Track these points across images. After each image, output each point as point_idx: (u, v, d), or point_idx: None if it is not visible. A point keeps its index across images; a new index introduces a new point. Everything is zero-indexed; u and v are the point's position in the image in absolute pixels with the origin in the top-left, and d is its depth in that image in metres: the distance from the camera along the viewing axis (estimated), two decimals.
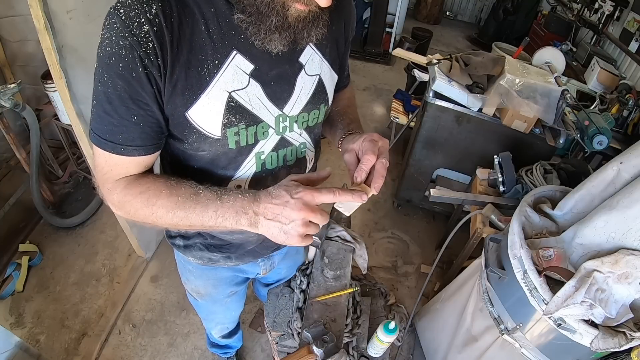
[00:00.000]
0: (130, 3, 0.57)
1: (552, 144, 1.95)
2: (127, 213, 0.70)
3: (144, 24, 0.57)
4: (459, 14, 6.76)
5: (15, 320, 1.83)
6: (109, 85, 0.60)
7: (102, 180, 0.70)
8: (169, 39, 0.59)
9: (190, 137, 0.68)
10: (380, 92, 4.14)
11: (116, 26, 0.57)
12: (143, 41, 0.57)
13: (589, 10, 3.60)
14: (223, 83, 0.65)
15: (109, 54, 0.58)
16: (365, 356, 1.11)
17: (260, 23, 0.60)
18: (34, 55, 2.12)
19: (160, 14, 0.58)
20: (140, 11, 0.57)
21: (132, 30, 0.57)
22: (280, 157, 0.79)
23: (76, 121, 1.49)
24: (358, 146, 0.73)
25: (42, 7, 1.21)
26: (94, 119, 0.64)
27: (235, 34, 0.64)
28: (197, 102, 0.64)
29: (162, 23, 0.58)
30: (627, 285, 0.95)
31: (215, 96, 0.65)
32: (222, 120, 0.67)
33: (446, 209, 2.46)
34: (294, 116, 0.76)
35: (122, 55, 0.58)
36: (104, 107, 0.62)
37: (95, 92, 0.62)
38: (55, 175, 2.44)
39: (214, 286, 1.10)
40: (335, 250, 1.12)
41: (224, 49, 0.64)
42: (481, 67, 1.99)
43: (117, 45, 0.57)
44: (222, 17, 0.62)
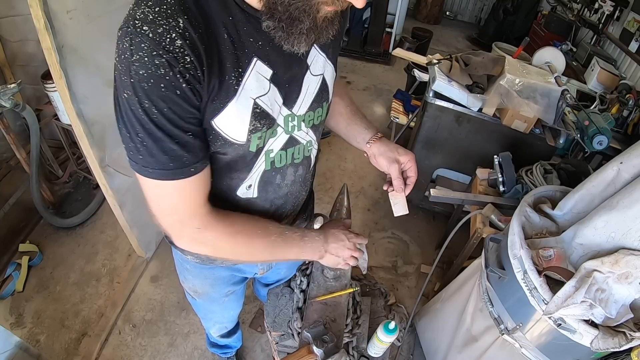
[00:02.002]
0: (153, 19, 0.54)
1: (552, 144, 1.95)
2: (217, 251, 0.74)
3: (175, 39, 0.55)
4: (459, 14, 6.76)
5: (15, 320, 1.83)
6: (154, 111, 0.56)
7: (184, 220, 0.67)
8: (203, 50, 0.58)
9: (214, 144, 0.68)
10: (380, 92, 4.14)
11: (144, 46, 0.53)
12: (179, 56, 0.55)
13: (589, 10, 3.60)
14: (248, 90, 0.65)
15: (144, 77, 0.54)
16: (365, 356, 1.11)
17: (292, 27, 0.60)
18: (34, 55, 2.12)
19: (189, 26, 0.56)
20: (169, 26, 0.54)
21: (166, 46, 0.54)
22: (288, 155, 0.81)
23: (76, 121, 1.49)
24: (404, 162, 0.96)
25: (42, 7, 1.21)
26: (146, 153, 0.59)
27: (253, 40, 0.64)
28: (224, 110, 0.64)
29: (192, 35, 0.56)
30: (627, 285, 0.95)
31: (242, 104, 0.65)
32: (248, 127, 0.68)
33: (446, 209, 2.46)
34: (301, 115, 0.78)
35: (161, 75, 0.55)
36: (155, 136, 0.58)
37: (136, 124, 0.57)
38: (55, 175, 2.44)
39: (211, 285, 1.10)
40: None
41: (245, 57, 0.64)
42: (481, 67, 1.99)
43: (154, 65, 0.54)
44: (239, 25, 0.62)
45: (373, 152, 0.96)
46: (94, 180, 2.35)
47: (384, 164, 0.95)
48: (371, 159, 0.98)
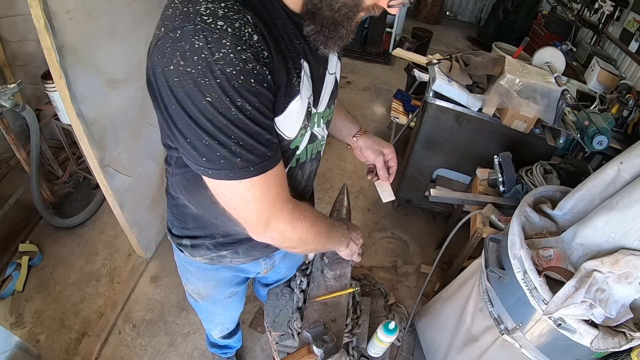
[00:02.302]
0: (225, 14, 0.51)
1: (552, 144, 1.95)
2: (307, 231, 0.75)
3: (252, 33, 0.53)
4: (459, 14, 6.76)
5: (15, 320, 1.83)
6: (247, 107, 0.54)
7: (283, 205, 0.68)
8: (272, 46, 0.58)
9: None
10: (380, 92, 4.14)
11: (226, 42, 0.50)
12: (259, 50, 0.54)
13: (589, 10, 3.60)
14: (305, 90, 0.68)
15: (233, 75, 0.51)
16: (365, 356, 1.11)
17: (333, 32, 0.62)
18: (34, 55, 2.12)
19: (258, 22, 0.55)
20: (243, 21, 0.52)
21: (247, 41, 0.52)
22: (309, 151, 0.83)
23: (76, 121, 1.48)
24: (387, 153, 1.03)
25: (42, 7, 1.20)
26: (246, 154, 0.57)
27: (298, 43, 0.65)
28: (287, 109, 0.65)
29: (263, 31, 0.55)
30: (627, 285, 0.95)
31: (301, 103, 0.67)
32: (301, 125, 0.70)
33: (446, 209, 2.46)
34: (321, 112, 0.80)
35: (249, 70, 0.52)
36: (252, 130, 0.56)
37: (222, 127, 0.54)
38: (55, 175, 2.44)
39: (215, 287, 1.10)
40: None
41: (297, 59, 0.65)
42: (481, 67, 1.99)
43: (241, 60, 0.51)
44: (287, 28, 0.63)
45: (359, 145, 1.04)
46: (94, 180, 2.35)
47: (370, 155, 1.04)
48: (356, 151, 1.06)
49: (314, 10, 0.60)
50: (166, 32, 0.52)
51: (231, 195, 0.63)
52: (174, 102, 0.54)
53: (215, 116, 0.53)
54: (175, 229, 0.95)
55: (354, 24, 0.64)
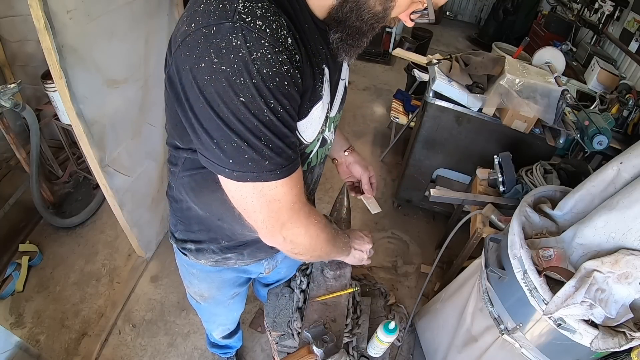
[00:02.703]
0: (262, 15, 0.50)
1: (552, 144, 1.95)
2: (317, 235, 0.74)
3: (287, 36, 0.53)
4: (459, 14, 6.76)
5: (15, 320, 1.83)
6: (279, 109, 0.54)
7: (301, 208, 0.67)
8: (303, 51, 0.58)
9: None
10: (380, 92, 4.14)
11: (264, 42, 0.49)
12: (293, 53, 0.54)
13: (589, 10, 3.60)
14: (325, 95, 0.68)
15: (269, 76, 0.50)
16: (365, 356, 1.11)
17: (357, 41, 0.63)
18: (34, 55, 2.12)
19: (291, 26, 0.55)
20: (279, 22, 0.52)
21: (284, 43, 0.52)
22: (319, 155, 0.83)
23: (76, 121, 1.48)
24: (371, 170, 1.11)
25: (42, 7, 1.20)
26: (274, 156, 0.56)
27: (321, 48, 0.66)
28: (310, 114, 0.65)
29: (295, 35, 0.55)
30: (627, 285, 0.95)
31: (321, 109, 0.68)
32: (319, 129, 0.71)
33: (446, 209, 2.46)
34: (332, 117, 0.81)
35: (284, 72, 0.52)
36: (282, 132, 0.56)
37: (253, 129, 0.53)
38: (55, 175, 2.44)
39: (218, 288, 1.10)
40: None
41: (320, 64, 0.66)
42: (481, 67, 1.99)
43: (277, 62, 0.51)
44: (312, 34, 0.63)
45: (349, 160, 1.11)
46: (94, 180, 2.35)
47: (358, 171, 1.10)
48: (342, 166, 1.13)
49: (342, 19, 0.60)
50: (198, 28, 0.50)
51: (252, 198, 0.61)
52: (202, 101, 0.53)
53: (247, 117, 0.52)
54: (179, 233, 0.94)
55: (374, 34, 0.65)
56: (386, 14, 0.60)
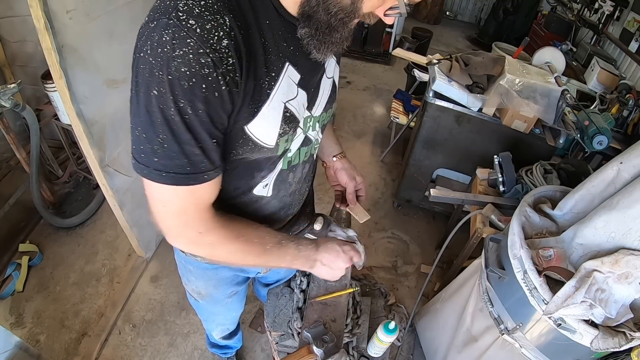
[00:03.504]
0: (200, 13, 0.51)
1: (552, 144, 1.95)
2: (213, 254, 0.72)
3: (223, 38, 0.52)
4: (459, 14, 6.76)
5: (15, 320, 1.83)
6: (188, 111, 0.53)
7: (188, 224, 0.66)
8: (244, 53, 0.56)
9: (241, 148, 0.67)
10: (380, 92, 4.14)
11: (190, 41, 0.50)
12: (224, 57, 0.52)
13: (589, 10, 3.60)
14: (280, 94, 0.66)
15: (186, 75, 0.51)
16: (365, 356, 1.11)
17: (328, 37, 0.61)
18: (34, 55, 2.12)
19: (234, 26, 0.54)
20: (217, 23, 0.51)
21: (213, 45, 0.51)
22: (302, 154, 0.82)
23: (76, 121, 1.49)
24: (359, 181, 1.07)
25: (42, 7, 1.20)
26: (164, 155, 0.56)
27: (286, 45, 0.65)
28: (258, 115, 0.64)
29: (237, 36, 0.54)
30: (627, 285, 0.95)
31: (274, 108, 0.66)
32: (278, 131, 0.68)
33: (446, 209, 2.46)
34: (317, 117, 0.80)
35: (205, 75, 0.51)
36: (179, 138, 0.55)
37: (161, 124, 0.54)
38: (55, 175, 2.44)
39: (215, 286, 1.10)
40: None
41: (279, 61, 0.64)
42: (481, 67, 1.99)
43: (198, 63, 0.51)
44: (275, 29, 0.62)
45: (337, 165, 1.07)
46: (94, 180, 2.35)
47: (344, 178, 1.06)
48: (329, 170, 1.09)
49: (310, 13, 0.59)
50: (147, 22, 0.53)
51: (146, 189, 0.62)
52: (134, 87, 0.55)
53: (154, 111, 0.53)
54: None
55: (347, 30, 0.63)
56: (355, 8, 0.59)
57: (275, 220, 0.91)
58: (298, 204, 0.95)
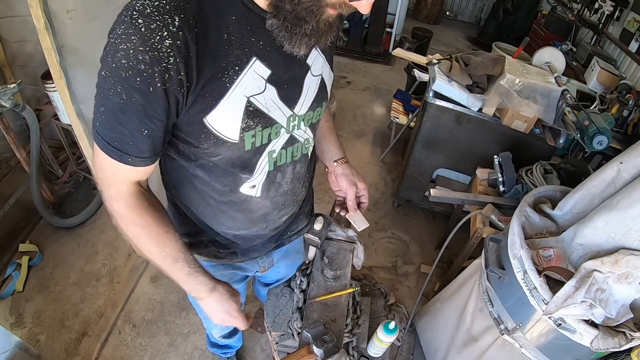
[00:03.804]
0: (149, 14, 0.54)
1: (552, 144, 1.95)
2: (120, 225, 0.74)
3: (166, 37, 0.55)
4: (459, 14, 6.76)
5: (15, 320, 1.83)
6: (123, 97, 0.58)
7: (105, 183, 0.70)
8: (195, 51, 0.58)
9: (206, 142, 0.68)
10: (380, 92, 4.14)
11: (134, 39, 0.54)
12: (164, 56, 0.56)
13: (589, 10, 3.60)
14: (242, 88, 0.66)
15: (125, 67, 0.56)
16: (365, 356, 1.11)
17: (296, 27, 0.61)
18: (34, 55, 2.12)
19: (184, 26, 0.56)
20: (163, 24, 0.55)
21: (154, 44, 0.55)
22: (288, 154, 0.82)
23: (76, 121, 1.49)
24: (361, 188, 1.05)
25: (42, 7, 1.21)
26: (102, 124, 0.62)
27: (255, 40, 0.65)
28: (217, 108, 0.64)
29: (186, 36, 0.56)
30: (627, 285, 0.95)
31: (234, 101, 0.66)
32: (240, 124, 0.68)
33: (446, 209, 2.46)
34: (302, 115, 0.79)
35: (140, 70, 0.56)
36: (115, 116, 0.60)
37: (104, 98, 0.60)
38: (55, 175, 2.44)
39: None
40: (335, 250, 1.12)
41: (245, 56, 0.64)
42: (481, 67, 1.99)
43: (136, 59, 0.55)
44: (242, 23, 0.63)
45: (337, 171, 1.05)
46: (94, 180, 2.35)
47: (344, 184, 1.04)
48: (331, 175, 1.07)
49: (277, 4, 0.59)
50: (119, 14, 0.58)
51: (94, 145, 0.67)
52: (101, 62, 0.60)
53: (102, 87, 0.60)
54: None
55: (322, 21, 0.61)
56: None
57: (269, 220, 0.91)
58: (293, 204, 0.94)
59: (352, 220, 1.06)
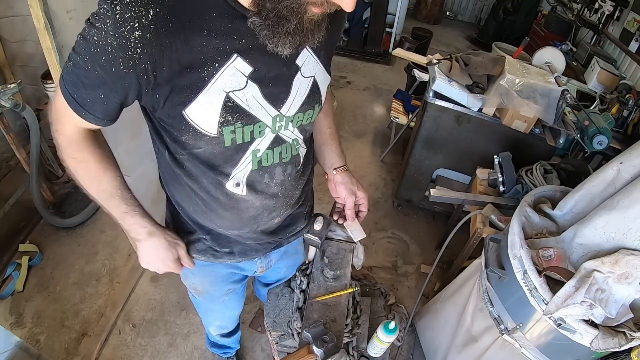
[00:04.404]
0: (128, 3, 0.57)
1: (552, 144, 1.95)
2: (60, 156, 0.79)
3: (136, 28, 0.57)
4: (459, 14, 6.76)
5: (15, 320, 1.83)
6: (88, 66, 0.61)
7: (55, 117, 0.74)
8: (167, 44, 0.60)
9: (186, 134, 0.71)
10: (380, 92, 4.14)
11: (108, 23, 0.57)
12: (131, 46, 0.58)
13: (589, 10, 3.60)
14: (221, 84, 0.66)
15: (95, 44, 0.59)
16: (365, 356, 1.11)
17: (278, 26, 0.60)
18: (34, 55, 2.12)
19: (157, 20, 0.58)
20: (136, 15, 0.57)
21: (123, 33, 0.57)
22: (275, 154, 0.81)
23: None
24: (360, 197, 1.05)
25: (42, 7, 1.20)
26: (69, 75, 0.65)
27: (237, 38, 0.65)
28: (195, 101, 0.66)
29: (157, 29, 0.58)
30: (627, 285, 0.95)
31: (212, 96, 0.66)
32: (218, 119, 0.69)
33: (446, 209, 2.46)
34: (290, 116, 0.78)
35: (106, 52, 0.59)
36: (79, 77, 0.63)
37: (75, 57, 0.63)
38: (55, 175, 2.44)
39: (211, 283, 1.11)
40: (335, 250, 1.12)
41: (225, 52, 0.65)
42: (481, 67, 1.99)
43: (105, 41, 0.58)
44: (225, 21, 0.63)
45: (337, 179, 1.05)
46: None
47: (343, 193, 1.04)
48: (330, 183, 1.07)
49: (258, 2, 0.60)
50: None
51: None
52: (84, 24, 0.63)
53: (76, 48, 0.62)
54: (172, 226, 0.98)
55: (306, 20, 0.61)
56: None
57: (260, 221, 0.90)
58: (285, 207, 0.92)
59: (349, 229, 1.06)
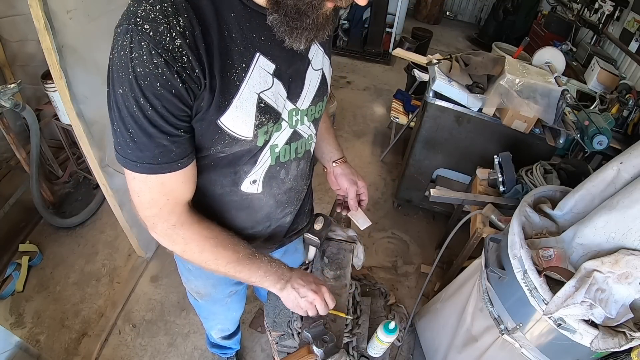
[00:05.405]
0: (154, 18, 0.55)
1: (552, 144, 1.95)
2: (185, 251, 0.74)
3: (176, 38, 0.56)
4: (459, 14, 6.76)
5: (15, 320, 1.83)
6: (148, 108, 0.58)
7: (161, 216, 0.69)
8: (204, 48, 0.59)
9: (220, 143, 0.69)
10: (380, 92, 4.14)
11: (144, 44, 0.55)
12: (178, 56, 0.56)
13: (589, 10, 3.60)
14: (252, 85, 0.66)
15: (142, 75, 0.56)
16: (365, 356, 1.11)
17: (298, 22, 0.60)
18: (34, 55, 2.12)
19: (189, 25, 0.57)
20: (169, 25, 0.55)
21: (165, 46, 0.55)
22: (292, 150, 0.82)
23: (76, 121, 1.49)
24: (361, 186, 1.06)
25: (42, 7, 1.21)
26: (136, 150, 0.61)
27: (256, 36, 0.65)
28: (230, 108, 0.65)
29: (192, 34, 0.57)
30: (627, 285, 0.95)
31: (246, 99, 0.66)
32: (254, 122, 0.68)
33: (446, 209, 2.46)
34: (304, 110, 0.79)
35: (158, 74, 0.56)
36: (147, 131, 0.59)
37: (124, 118, 0.59)
38: (55, 175, 2.44)
39: (213, 286, 1.10)
40: (335, 250, 1.12)
41: (248, 52, 0.65)
42: (481, 67, 1.99)
43: (151, 64, 0.55)
44: (242, 21, 0.63)
45: (337, 171, 1.07)
46: (94, 180, 2.35)
47: (344, 183, 1.06)
48: (330, 176, 1.09)
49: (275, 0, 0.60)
50: (116, 26, 0.58)
51: (128, 179, 0.67)
52: (109, 85, 0.61)
53: (122, 107, 0.59)
54: None
55: (321, 15, 0.61)
56: None
57: (272, 219, 0.91)
58: (296, 202, 0.95)
59: (354, 219, 1.07)
